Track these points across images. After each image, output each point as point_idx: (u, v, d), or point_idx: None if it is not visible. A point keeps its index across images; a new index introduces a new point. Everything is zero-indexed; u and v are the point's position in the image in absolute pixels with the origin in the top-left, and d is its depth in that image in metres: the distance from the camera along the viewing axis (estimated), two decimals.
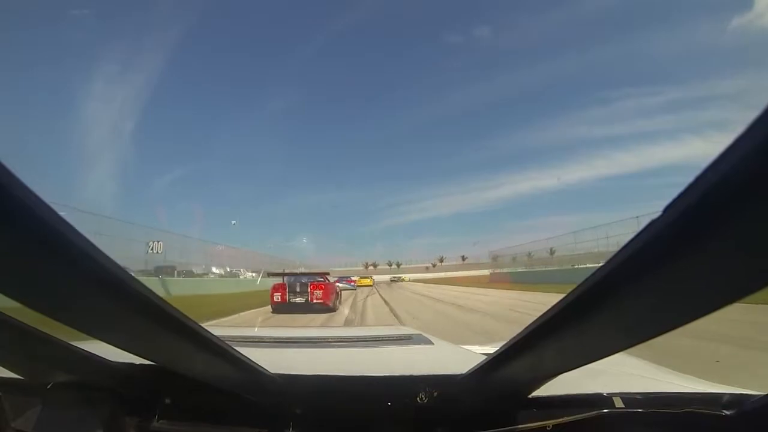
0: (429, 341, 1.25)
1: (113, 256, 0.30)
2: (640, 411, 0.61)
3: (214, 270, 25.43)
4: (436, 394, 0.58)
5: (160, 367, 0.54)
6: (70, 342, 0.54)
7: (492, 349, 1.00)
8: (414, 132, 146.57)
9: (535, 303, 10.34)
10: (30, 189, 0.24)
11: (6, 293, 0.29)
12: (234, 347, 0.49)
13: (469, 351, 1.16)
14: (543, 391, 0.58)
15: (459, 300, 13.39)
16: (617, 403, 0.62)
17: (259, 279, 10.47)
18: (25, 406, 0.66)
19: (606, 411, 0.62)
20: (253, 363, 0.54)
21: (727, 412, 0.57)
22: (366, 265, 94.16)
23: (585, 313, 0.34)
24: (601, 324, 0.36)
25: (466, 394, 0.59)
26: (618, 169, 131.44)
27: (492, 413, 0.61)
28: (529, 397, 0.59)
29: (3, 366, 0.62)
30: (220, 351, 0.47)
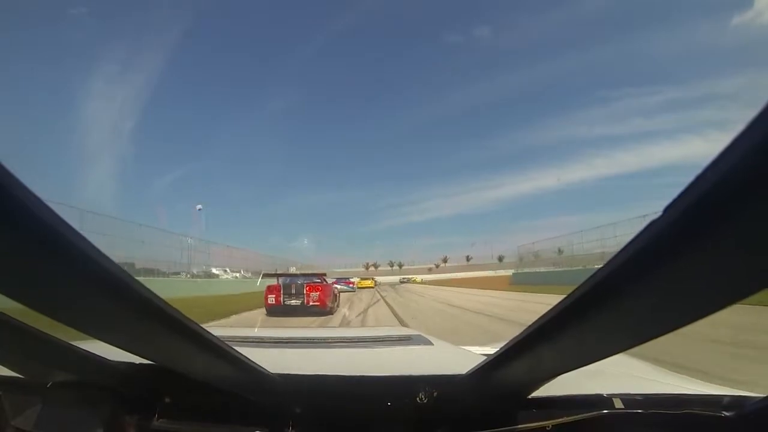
0: (429, 342, 1.25)
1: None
2: (640, 412, 0.61)
3: (213, 270, 24.37)
4: (436, 394, 0.58)
5: (160, 366, 0.54)
6: (70, 342, 0.54)
7: (492, 349, 1.00)
8: (414, 132, 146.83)
9: None
10: (30, 189, 0.24)
11: (6, 293, 0.29)
12: (234, 347, 0.49)
13: (469, 351, 1.16)
14: (543, 392, 0.58)
15: (522, 316, 7.94)
16: (617, 404, 0.62)
17: (259, 280, 10.30)
18: (25, 405, 0.66)
19: (606, 412, 0.61)
20: (253, 363, 0.54)
21: (727, 414, 0.57)
22: (367, 265, 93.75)
23: (585, 314, 0.34)
24: (601, 325, 0.36)
25: (466, 395, 0.59)
26: (619, 169, 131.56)
27: (492, 413, 0.61)
28: (529, 397, 0.59)
29: (3, 365, 0.62)
30: (220, 351, 0.47)
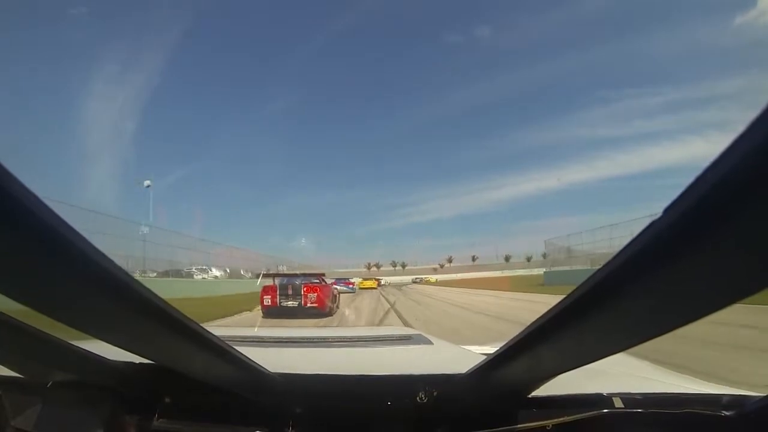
0: (429, 341, 1.25)
1: None
2: (640, 411, 0.61)
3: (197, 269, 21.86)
4: (435, 393, 0.58)
5: (160, 366, 0.54)
6: (69, 341, 0.54)
7: (492, 349, 1.00)
8: (414, 132, 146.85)
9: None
10: (29, 189, 0.24)
11: (6, 293, 0.29)
12: (234, 347, 0.49)
13: (468, 351, 1.16)
14: (543, 391, 0.58)
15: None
16: (617, 403, 0.62)
17: (259, 280, 10.15)
18: (25, 404, 0.66)
19: (606, 411, 0.62)
20: (253, 362, 0.54)
21: (727, 413, 0.57)
22: (368, 265, 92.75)
23: (585, 314, 0.34)
24: (601, 324, 0.36)
25: (466, 394, 0.59)
26: (620, 169, 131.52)
27: (492, 413, 0.61)
28: (529, 397, 0.59)
29: (3, 365, 0.62)
30: (220, 350, 0.47)
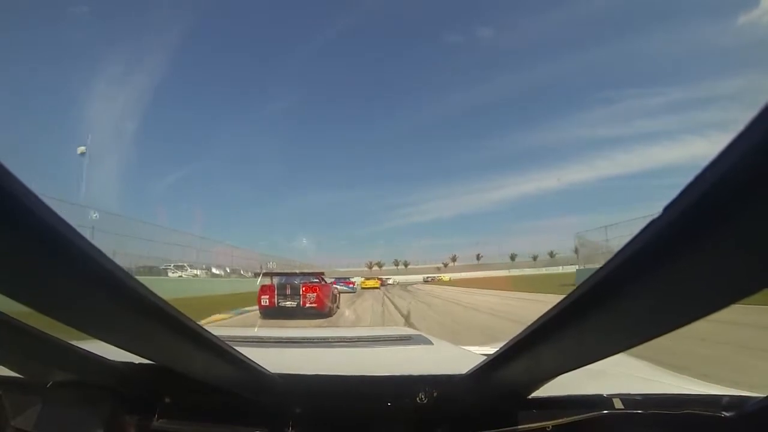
0: (429, 341, 1.25)
1: None
2: (640, 412, 0.61)
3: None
4: (435, 394, 0.58)
5: (160, 366, 0.54)
6: (69, 341, 0.54)
7: (492, 349, 1.00)
8: (415, 132, 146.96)
9: None
10: (30, 189, 0.24)
11: (6, 293, 0.29)
12: (234, 347, 0.49)
13: (468, 351, 1.16)
14: (543, 392, 0.58)
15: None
16: (617, 404, 0.62)
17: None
18: (25, 404, 0.66)
19: (605, 412, 0.61)
20: (253, 363, 0.54)
21: (726, 414, 0.57)
22: (370, 264, 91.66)
23: (585, 314, 0.34)
24: (601, 325, 0.36)
25: (466, 395, 0.59)
26: (621, 169, 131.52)
27: (492, 413, 0.61)
28: (529, 397, 0.59)
29: (3, 365, 0.62)
30: (220, 350, 0.47)
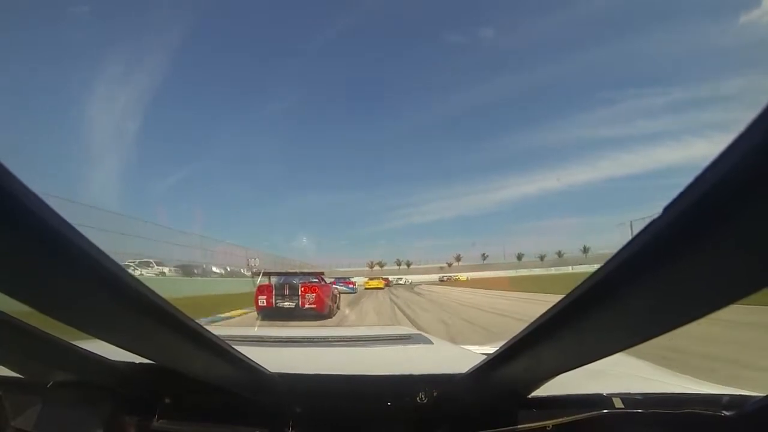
0: (429, 341, 1.25)
1: None
2: (640, 411, 0.61)
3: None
4: (435, 393, 0.58)
5: (160, 366, 0.54)
6: (70, 341, 0.54)
7: (492, 348, 1.00)
8: (416, 133, 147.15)
9: None
10: (30, 189, 0.24)
11: (6, 292, 0.29)
12: (234, 346, 0.49)
13: (468, 351, 1.16)
14: (543, 391, 0.58)
15: None
16: (617, 403, 0.62)
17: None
18: (25, 404, 0.66)
19: (605, 411, 0.62)
20: (253, 362, 0.54)
21: (727, 413, 0.57)
22: (371, 264, 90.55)
23: (585, 313, 0.34)
24: (601, 324, 0.36)
25: (466, 394, 0.59)
26: (623, 170, 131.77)
27: (492, 413, 0.61)
28: (529, 397, 0.59)
29: (3, 365, 0.62)
30: (220, 350, 0.47)
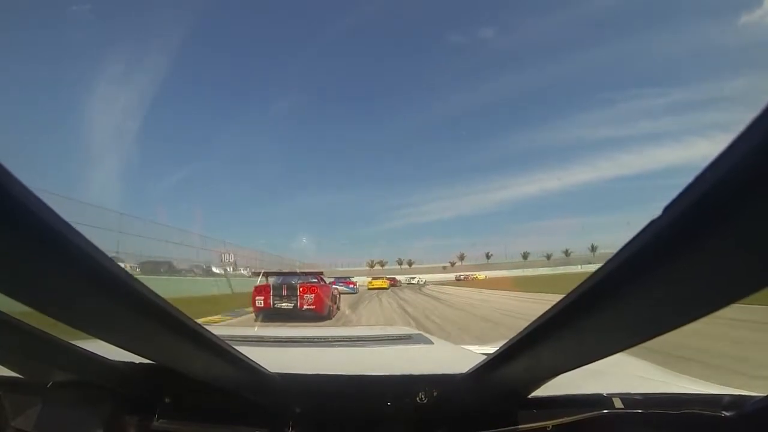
0: (429, 341, 1.25)
1: None
2: (640, 411, 0.61)
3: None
4: (435, 393, 0.58)
5: (160, 366, 0.54)
6: (70, 341, 0.54)
7: (492, 349, 1.00)
8: (416, 133, 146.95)
9: None
10: (29, 189, 0.24)
11: (6, 292, 0.29)
12: (234, 346, 0.49)
13: (468, 351, 1.16)
14: (543, 391, 0.58)
15: None
16: (617, 403, 0.62)
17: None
18: (25, 404, 0.66)
19: (605, 411, 0.62)
20: (253, 362, 0.54)
21: (727, 414, 0.57)
22: (371, 263, 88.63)
23: (585, 313, 0.34)
24: (601, 324, 0.36)
25: (466, 394, 0.59)
26: (623, 170, 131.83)
27: (492, 413, 0.61)
28: (529, 397, 0.59)
29: (3, 365, 0.62)
30: (220, 350, 0.47)
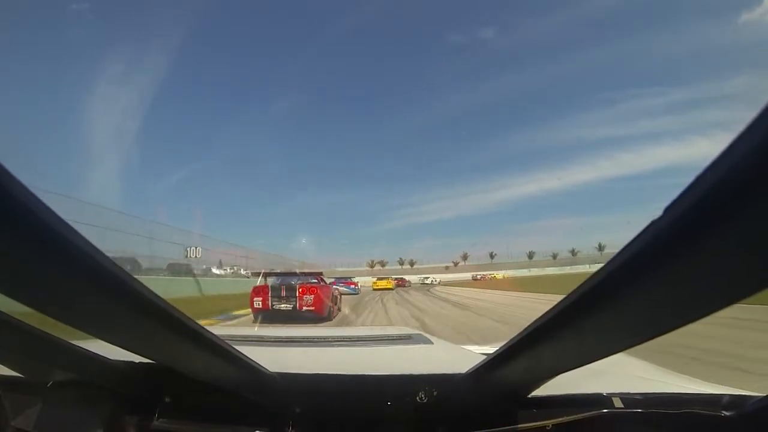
0: (429, 341, 1.25)
1: None
2: (640, 411, 0.61)
3: None
4: (435, 393, 0.58)
5: (160, 366, 0.54)
6: (70, 341, 0.54)
7: (491, 349, 1.00)
8: (416, 133, 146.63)
9: None
10: (29, 189, 0.24)
11: (6, 293, 0.29)
12: (234, 346, 0.50)
13: (468, 351, 1.16)
14: (542, 391, 0.58)
15: None
16: (616, 403, 0.62)
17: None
18: (25, 404, 0.66)
19: (605, 411, 0.62)
20: (253, 362, 0.54)
21: (726, 413, 0.57)
22: (371, 263, 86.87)
23: (585, 313, 0.34)
24: (601, 324, 0.36)
25: (466, 394, 0.59)
26: (624, 170, 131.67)
27: (492, 413, 0.61)
28: (529, 396, 0.59)
29: (3, 365, 0.62)
30: (220, 350, 0.47)
